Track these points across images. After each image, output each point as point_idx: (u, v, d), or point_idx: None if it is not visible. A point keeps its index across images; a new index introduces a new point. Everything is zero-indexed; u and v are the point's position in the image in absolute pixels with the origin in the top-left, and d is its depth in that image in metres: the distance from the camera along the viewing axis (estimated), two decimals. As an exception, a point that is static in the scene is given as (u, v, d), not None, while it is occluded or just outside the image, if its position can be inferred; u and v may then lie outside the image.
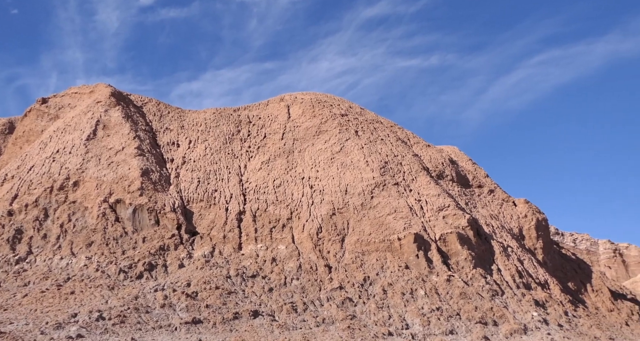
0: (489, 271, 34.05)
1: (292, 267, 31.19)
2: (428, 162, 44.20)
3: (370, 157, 41.38)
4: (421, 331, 25.83)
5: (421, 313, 27.40)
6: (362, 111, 50.33)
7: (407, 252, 33.06)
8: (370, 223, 35.66)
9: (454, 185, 42.97)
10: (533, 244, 41.31)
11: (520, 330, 27.60)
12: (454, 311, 28.38)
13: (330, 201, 37.78)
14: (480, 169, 47.05)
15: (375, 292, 29.54)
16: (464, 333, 26.45)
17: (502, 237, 38.67)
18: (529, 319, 29.37)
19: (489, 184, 44.92)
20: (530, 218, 41.87)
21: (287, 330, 23.70)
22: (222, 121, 47.55)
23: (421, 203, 38.34)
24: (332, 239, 34.56)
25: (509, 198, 43.70)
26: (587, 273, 41.91)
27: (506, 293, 32.08)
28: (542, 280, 35.75)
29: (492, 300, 30.43)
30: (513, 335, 27.00)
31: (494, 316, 28.61)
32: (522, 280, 34.05)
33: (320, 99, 49.76)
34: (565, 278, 40.33)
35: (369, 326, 25.42)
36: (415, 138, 48.00)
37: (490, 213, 41.64)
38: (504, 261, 35.38)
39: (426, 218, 36.84)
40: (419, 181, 40.56)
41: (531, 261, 37.44)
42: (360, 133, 44.83)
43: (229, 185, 39.78)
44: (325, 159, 42.10)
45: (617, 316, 35.37)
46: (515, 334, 27.13)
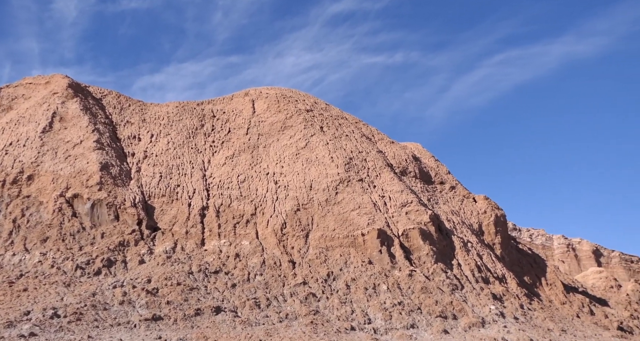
0: (450, 266, 34.76)
1: (256, 263, 31.01)
2: (392, 158, 44.72)
3: (335, 153, 41.53)
4: (383, 325, 26.17)
5: (383, 308, 27.76)
6: (327, 107, 50.43)
7: (370, 248, 33.40)
8: (334, 219, 35.83)
9: (417, 182, 43.65)
10: (492, 239, 42.39)
11: (479, 323, 28.32)
12: (415, 306, 28.88)
13: (294, 197, 37.74)
14: (443, 166, 47.97)
15: (338, 287, 29.72)
16: (424, 326, 26.96)
17: (463, 233, 39.54)
18: (487, 312, 30.14)
19: (450, 181, 45.84)
20: (490, 214, 42.97)
21: (249, 325, 23.56)
22: (185, 115, 46.72)
23: (385, 199, 38.77)
24: (296, 235, 34.54)
25: (469, 195, 44.73)
26: (542, 268, 43.33)
27: (466, 287, 32.84)
28: (500, 274, 36.75)
29: (452, 294, 31.10)
30: (471, 328, 27.69)
31: (454, 310, 29.25)
32: (481, 275, 34.91)
33: (286, 94, 49.56)
34: (522, 272, 41.56)
35: (332, 322, 25.57)
36: (380, 135, 48.48)
37: (452, 209, 42.51)
38: (464, 256, 36.18)
39: (389, 214, 37.29)
40: (383, 177, 40.99)
41: (490, 256, 38.44)
42: (325, 129, 44.92)
43: (192, 180, 39.16)
44: (290, 155, 42.00)
45: (569, 308, 36.75)
46: (474, 327, 27.83)
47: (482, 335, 26.78)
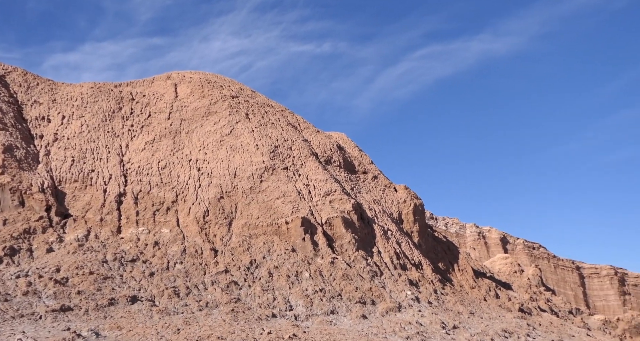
0: (370, 254, 35.74)
1: (176, 251, 30.11)
2: (317, 147, 45.07)
3: (261, 141, 41.13)
4: (304, 312, 26.47)
5: (305, 295, 28.06)
6: (253, 94, 49.75)
7: (294, 236, 33.56)
8: (258, 207, 35.57)
9: (341, 171, 44.34)
10: (410, 228, 44.05)
11: (395, 308, 29.44)
12: (336, 292, 29.47)
13: (218, 184, 36.98)
14: (366, 156, 49.09)
15: (261, 275, 29.63)
16: (344, 312, 27.60)
17: (383, 221, 40.76)
18: (404, 297, 31.37)
19: (373, 170, 47.04)
20: (409, 203, 44.60)
21: (167, 315, 22.87)
22: (101, 97, 44.09)
23: (309, 187, 39.04)
24: (219, 223, 33.92)
25: (390, 184, 46.17)
26: (455, 254, 45.75)
27: (384, 273, 33.95)
28: (417, 261, 38.36)
29: (371, 280, 32.05)
30: (389, 313, 28.74)
31: (373, 296, 30.17)
32: (399, 262, 36.24)
33: (210, 79, 48.23)
34: (437, 258, 43.62)
35: (253, 309, 25.47)
36: (305, 124, 48.64)
37: (374, 198, 43.66)
38: (384, 244, 37.34)
39: (314, 203, 37.63)
40: (308, 166, 41.22)
41: (408, 243, 40.01)
42: (250, 117, 44.31)
43: (109, 165, 37.14)
44: (214, 141, 41.03)
45: (478, 292, 39.16)
46: (391, 312, 28.90)
47: (398, 319, 27.88)
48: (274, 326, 22.86)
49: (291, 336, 20.82)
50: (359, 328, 25.20)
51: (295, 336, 21.00)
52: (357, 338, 22.66)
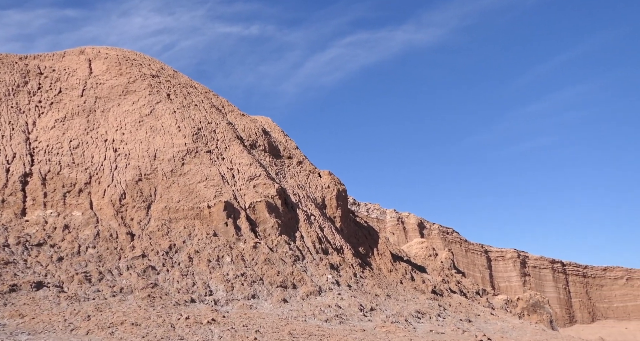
0: (293, 238, 35.99)
1: (89, 235, 28.51)
2: (242, 131, 44.39)
3: (183, 123, 39.78)
4: (224, 296, 26.19)
5: (226, 280, 27.76)
6: (175, 74, 47.87)
7: (216, 220, 32.98)
8: (179, 190, 34.50)
9: (266, 155, 44.05)
10: (333, 213, 44.81)
11: (316, 292, 29.95)
12: (258, 277, 29.42)
13: (136, 166, 35.37)
14: (291, 141, 49.09)
15: (180, 260, 28.88)
16: (265, 296, 27.65)
17: (307, 206, 41.12)
18: (324, 281, 31.97)
19: (298, 156, 47.17)
20: (333, 189, 45.28)
21: (77, 301, 21.67)
22: (4, 69, 40.41)
23: (233, 171, 38.44)
24: (136, 206, 32.53)
25: (315, 170, 46.58)
26: (375, 239, 47.21)
27: (306, 258, 34.36)
28: (338, 245, 39.17)
29: (293, 265, 32.32)
30: (309, 297, 29.18)
31: (294, 280, 30.46)
32: (321, 246, 36.82)
33: (129, 56, 45.74)
34: (358, 243, 44.76)
35: (171, 294, 24.80)
36: (230, 107, 47.67)
37: (298, 184, 43.86)
38: (307, 228, 37.72)
39: (237, 187, 37.13)
40: (232, 150, 40.52)
41: (330, 228, 40.70)
42: (172, 97, 42.66)
43: (12, 143, 34.27)
44: (132, 122, 39.09)
45: (395, 275, 40.76)
46: (311, 295, 29.37)
47: (318, 302, 28.39)
48: (192, 312, 22.42)
49: (210, 321, 20.54)
50: (279, 312, 25.38)
51: (215, 321, 20.75)
52: (277, 321, 22.82)
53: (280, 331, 20.67)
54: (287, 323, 22.78)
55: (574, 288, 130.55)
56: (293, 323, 23.18)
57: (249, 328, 20.62)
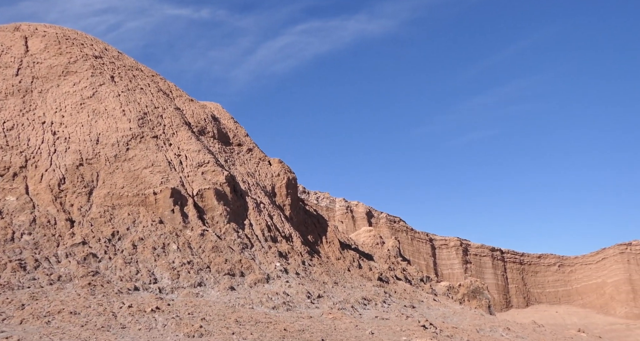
0: (242, 226, 35.73)
1: (24, 221, 27.09)
2: (190, 116, 43.37)
3: (128, 106, 38.38)
4: (170, 284, 25.70)
5: (172, 267, 27.23)
6: (119, 55, 46.00)
7: (162, 207, 32.19)
8: (124, 176, 33.36)
9: (215, 142, 43.32)
10: (283, 201, 44.80)
11: (264, 279, 29.94)
12: (205, 264, 29.05)
13: (77, 150, 33.86)
14: (242, 128, 48.49)
15: (124, 247, 28.03)
16: (212, 284, 27.36)
17: (257, 194, 40.88)
18: (272, 269, 32.00)
19: (248, 143, 46.68)
20: (283, 177, 45.20)
21: (10, 289, 20.61)
22: None
23: (181, 158, 37.58)
24: (77, 191, 31.21)
25: (265, 158, 46.29)
26: (324, 227, 47.64)
27: (255, 246, 34.23)
28: (287, 233, 39.25)
29: (241, 252, 32.12)
30: (257, 284, 29.14)
31: (242, 268, 30.30)
32: (270, 234, 36.77)
33: (69, 35, 43.50)
34: (307, 231, 45.06)
35: (113, 282, 24.05)
36: (178, 91, 46.42)
37: (248, 171, 43.47)
38: (256, 216, 37.53)
39: (185, 174, 36.35)
40: (180, 135, 39.56)
41: (280, 216, 40.68)
42: (117, 80, 41.01)
43: (-61, 122, 31.95)
44: (73, 104, 37.32)
45: (342, 263, 41.36)
46: (259, 283, 29.34)
47: (265, 290, 28.40)
48: (135, 300, 21.87)
49: (154, 309, 20.11)
50: (226, 300, 25.20)
51: (159, 309, 20.34)
52: (224, 309, 22.67)
53: (226, 319, 20.55)
54: (233, 311, 22.67)
55: (511, 275, 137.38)
56: (240, 311, 23.10)
57: (194, 315, 20.37)
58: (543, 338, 31.53)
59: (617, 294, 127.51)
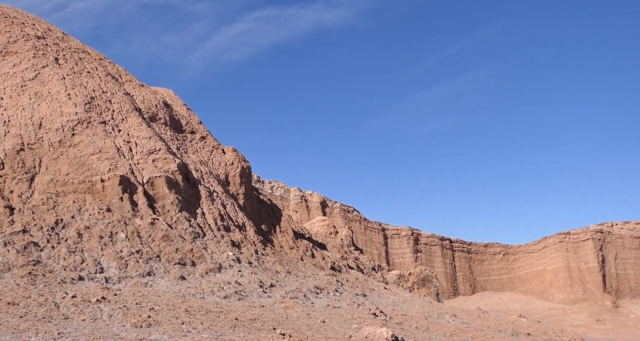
0: (194, 215, 35.14)
1: (-43, 209, 25.56)
2: (141, 102, 42.04)
3: (74, 90, 36.74)
4: (117, 274, 24.97)
5: (119, 257, 26.45)
6: (64, 37, 43.89)
7: (110, 195, 31.14)
8: (69, 162, 32.00)
9: (167, 129, 42.24)
10: (236, 190, 44.37)
11: (216, 269, 29.62)
12: (155, 254, 28.41)
13: (18, 134, 32.18)
14: (195, 115, 47.47)
15: (68, 236, 26.96)
16: (161, 274, 26.81)
17: (210, 183, 40.27)
18: (225, 258, 31.70)
19: (201, 131, 45.78)
20: (237, 165, 44.71)
21: (-59, 282, 19.45)
22: None
23: (130, 144, 36.42)
24: (17, 177, 29.70)
25: (219, 146, 45.56)
26: (278, 217, 47.58)
27: (207, 235, 33.77)
28: (241, 223, 38.93)
29: (193, 242, 31.61)
30: (208, 274, 28.79)
31: (193, 257, 29.85)
32: (223, 223, 36.35)
33: (8, 14, 41.06)
34: (260, 221, 44.87)
35: (57, 272, 23.12)
36: (128, 76, 44.83)
37: (201, 159, 42.70)
38: (208, 205, 36.99)
39: (135, 161, 35.29)
40: (130, 122, 38.30)
41: (233, 205, 40.26)
42: (61, 62, 39.13)
43: None
44: (13, 86, 35.36)
45: (296, 252, 41.50)
46: (211, 272, 29.00)
47: (217, 279, 28.12)
48: (80, 290, 21.12)
49: (99, 299, 19.49)
50: (176, 289, 24.77)
51: (105, 299, 19.73)
52: (174, 299, 22.27)
53: (176, 309, 20.20)
54: (184, 301, 22.32)
55: (459, 263, 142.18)
56: (190, 300, 22.77)
57: (142, 305, 19.90)
58: (487, 324, 32.83)
59: (555, 281, 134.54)
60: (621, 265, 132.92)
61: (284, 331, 17.77)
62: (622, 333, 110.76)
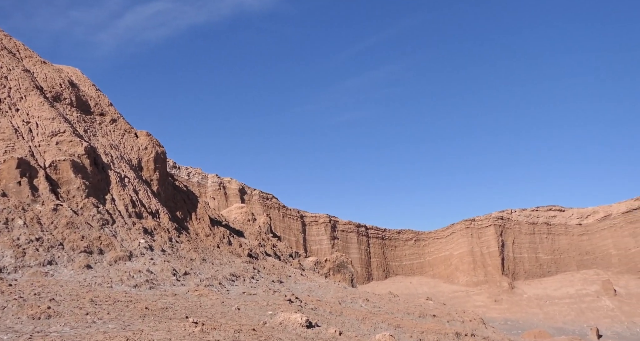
0: (103, 201, 33.42)
1: None
2: (43, 80, 38.96)
3: (-36, 62, 33.30)
4: (13, 263, 23.14)
5: (16, 245, 24.52)
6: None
7: (6, 178, 28.70)
8: (-43, 143, 29.06)
9: (73, 110, 39.56)
10: (150, 176, 42.74)
11: (126, 257, 28.41)
12: (57, 242, 26.67)
13: None
14: (104, 97, 44.81)
15: (-45, 224, 24.55)
16: (65, 263, 25.25)
17: (121, 168, 38.43)
18: (136, 246, 30.53)
19: (112, 113, 43.36)
20: (150, 150, 42.98)
21: None
22: None
23: (30, 125, 33.75)
24: None
25: (131, 129, 43.46)
26: (194, 203, 46.48)
27: (117, 222, 32.29)
28: (154, 209, 37.60)
29: (101, 229, 30.08)
30: (117, 262, 27.55)
31: (101, 245, 28.43)
32: (134, 210, 34.91)
33: None
34: (176, 207, 43.63)
35: (-59, 264, 20.97)
36: (27, 52, 41.31)
37: (111, 143, 40.54)
38: (119, 191, 35.33)
39: (35, 143, 32.76)
40: (30, 101, 35.43)
41: (146, 192, 38.73)
42: (-49, 29, 35.22)
43: None
44: None
45: (212, 240, 40.86)
46: (120, 261, 27.77)
47: (127, 267, 27.01)
48: (-31, 282, 19.35)
49: (-8, 292, 17.97)
50: (81, 279, 23.46)
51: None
52: (78, 288, 21.07)
53: (80, 299, 19.14)
54: (89, 290, 21.20)
55: (374, 249, 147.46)
56: (97, 290, 21.68)
57: (42, 296, 18.63)
58: (397, 307, 34.43)
59: (461, 265, 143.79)
60: (518, 249, 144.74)
61: (196, 320, 17.46)
62: (516, 311, 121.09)
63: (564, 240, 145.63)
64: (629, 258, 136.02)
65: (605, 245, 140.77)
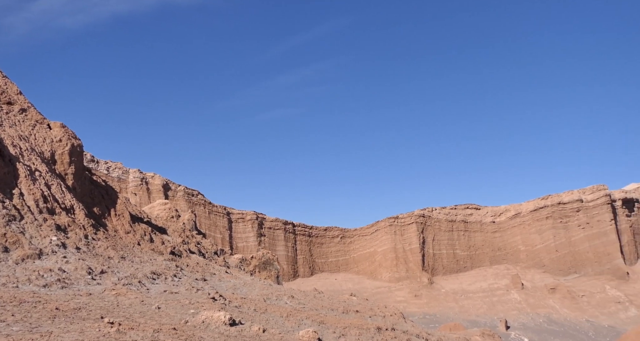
0: (10, 196, 31.15)
1: None
2: (-58, 61, 35.54)
3: None
4: None
5: None
6: None
7: None
8: None
9: (-23, 96, 36.41)
10: (65, 169, 40.41)
11: (35, 255, 26.65)
12: (-45, 240, 24.45)
13: None
14: (13, 84, 41.60)
15: None
16: (-36, 262, 23.18)
17: (31, 161, 35.99)
18: (47, 244, 28.78)
19: (21, 102, 40.35)
20: (65, 143, 40.56)
21: None
22: None
23: None
24: None
25: (43, 120, 40.71)
26: (114, 199, 44.43)
27: (26, 218, 30.23)
28: (69, 205, 35.61)
29: (7, 225, 27.99)
30: (25, 261, 25.74)
31: (7, 243, 26.49)
32: (46, 205, 32.89)
33: None
34: (93, 203, 41.55)
35: None
36: None
37: (20, 134, 37.80)
38: (29, 185, 33.09)
39: None
40: None
41: (60, 186, 36.56)
42: None
43: None
44: None
45: (133, 237, 39.30)
46: (28, 259, 25.97)
47: (36, 266, 25.30)
48: None
49: None
50: (-18, 280, 21.63)
51: None
52: (-21, 290, 19.41)
53: (-20, 302, 17.63)
54: (-9, 292, 19.60)
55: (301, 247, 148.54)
56: (1, 290, 20.10)
57: None
58: (321, 304, 34.89)
59: (384, 261, 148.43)
60: (437, 245, 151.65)
61: (112, 320, 16.66)
62: (434, 305, 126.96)
63: (479, 237, 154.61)
64: (534, 254, 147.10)
65: (515, 241, 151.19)
